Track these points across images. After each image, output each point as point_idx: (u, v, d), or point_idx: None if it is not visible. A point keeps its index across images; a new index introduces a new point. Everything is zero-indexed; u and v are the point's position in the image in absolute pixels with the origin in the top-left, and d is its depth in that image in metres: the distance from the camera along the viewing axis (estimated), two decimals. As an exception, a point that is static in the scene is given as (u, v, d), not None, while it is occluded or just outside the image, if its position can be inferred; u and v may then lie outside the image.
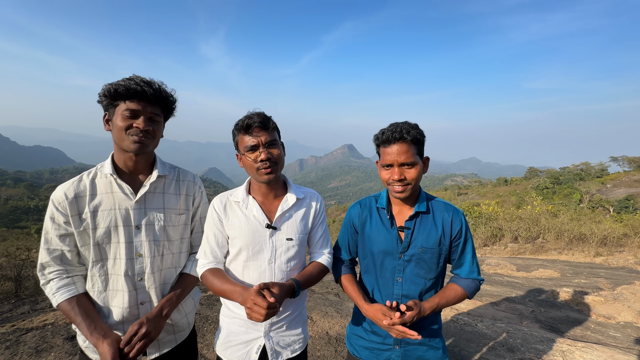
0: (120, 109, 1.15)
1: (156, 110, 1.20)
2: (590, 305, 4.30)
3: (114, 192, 1.21)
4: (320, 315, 3.57)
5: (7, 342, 2.75)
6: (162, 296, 1.30)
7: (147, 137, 1.18)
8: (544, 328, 3.56)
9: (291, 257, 1.30)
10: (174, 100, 1.27)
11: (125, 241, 1.21)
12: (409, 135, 1.19)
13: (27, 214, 63.54)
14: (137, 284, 1.24)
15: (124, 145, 1.17)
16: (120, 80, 1.14)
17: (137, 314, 1.25)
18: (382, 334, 1.35)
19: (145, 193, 1.25)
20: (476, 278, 1.32)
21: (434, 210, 1.33)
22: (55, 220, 1.16)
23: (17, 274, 4.70)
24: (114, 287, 1.23)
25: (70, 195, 1.17)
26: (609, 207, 26.37)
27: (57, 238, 1.17)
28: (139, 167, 1.26)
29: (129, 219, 1.22)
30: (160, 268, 1.28)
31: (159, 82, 1.21)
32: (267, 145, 1.22)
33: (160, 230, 1.27)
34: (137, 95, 1.14)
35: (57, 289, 1.16)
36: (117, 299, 1.23)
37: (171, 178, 1.35)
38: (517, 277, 6.11)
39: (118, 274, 1.22)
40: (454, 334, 3.24)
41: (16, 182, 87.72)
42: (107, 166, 1.22)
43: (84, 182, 1.21)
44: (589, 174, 45.33)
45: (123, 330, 1.24)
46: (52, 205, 1.17)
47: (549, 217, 10.47)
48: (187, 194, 1.37)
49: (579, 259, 7.72)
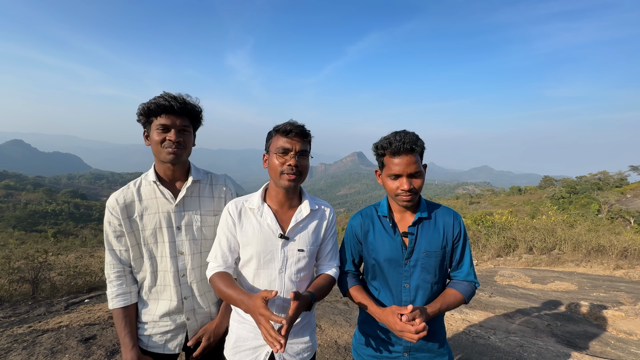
0: (154, 125, 1.30)
1: (185, 122, 1.33)
2: (610, 320, 4.12)
3: (157, 197, 1.37)
4: (329, 324, 3.54)
5: (24, 342, 2.83)
6: (204, 291, 1.44)
7: (179, 147, 1.32)
8: (561, 342, 3.44)
9: (301, 268, 1.31)
10: (199, 110, 1.39)
11: (169, 241, 1.37)
12: (417, 147, 1.24)
13: (45, 217, 65.50)
14: (181, 279, 1.39)
15: (161, 157, 1.33)
16: (152, 99, 1.30)
17: (181, 307, 1.40)
18: (390, 342, 1.34)
19: (183, 197, 1.39)
20: (472, 281, 1.34)
21: (435, 215, 1.35)
22: (111, 223, 1.34)
23: (34, 276, 4.84)
24: (162, 282, 1.39)
25: (121, 201, 1.33)
26: (630, 218, 25.36)
27: (114, 239, 1.35)
28: (176, 175, 1.41)
29: (170, 220, 1.37)
30: (199, 264, 1.43)
31: (184, 96, 1.32)
32: (299, 153, 1.26)
33: (198, 230, 1.42)
34: (166, 110, 1.28)
35: (116, 295, 1.34)
36: (166, 293, 1.39)
37: (205, 182, 1.48)
38: (532, 289, 5.92)
39: (165, 270, 1.38)
40: (466, 346, 3.16)
41: (35, 187, 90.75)
42: (151, 175, 1.38)
43: (131, 189, 1.37)
44: (607, 184, 43.88)
45: (169, 319, 1.39)
46: (108, 211, 1.34)
47: (566, 228, 10.14)
48: (219, 196, 1.50)
49: (597, 272, 7.43)
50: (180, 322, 1.41)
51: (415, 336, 1.09)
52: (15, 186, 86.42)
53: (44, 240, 9.66)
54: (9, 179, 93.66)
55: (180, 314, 1.41)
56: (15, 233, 32.68)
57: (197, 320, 1.45)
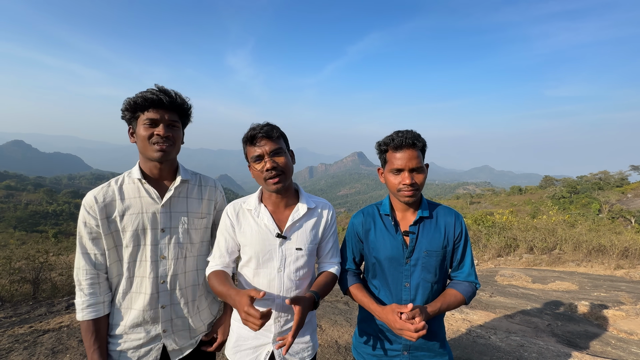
0: (141, 120, 1.21)
1: (174, 117, 1.26)
2: (611, 320, 4.12)
3: (141, 196, 1.27)
4: (329, 324, 3.54)
5: (25, 342, 2.83)
6: (190, 299, 1.35)
7: (168, 143, 1.23)
8: (561, 342, 3.43)
9: (300, 267, 1.31)
10: (189, 106, 1.32)
11: (151, 244, 1.26)
12: (419, 142, 1.26)
13: (46, 218, 65.62)
14: (160, 286, 1.28)
15: (148, 154, 1.24)
16: (138, 93, 1.20)
17: (157, 317, 1.28)
18: (390, 340, 1.35)
19: (170, 197, 1.30)
20: (473, 281, 1.34)
21: (437, 214, 1.36)
22: (87, 224, 1.22)
23: (35, 276, 4.84)
24: (137, 289, 1.27)
25: (100, 199, 1.22)
26: (631, 218, 25.33)
27: (89, 241, 1.22)
28: (163, 174, 1.32)
29: (155, 222, 1.27)
30: (183, 270, 1.33)
31: (173, 90, 1.26)
32: (271, 154, 1.23)
33: (184, 233, 1.32)
34: (155, 104, 1.20)
35: (87, 305, 1.20)
36: (139, 301, 1.26)
37: (193, 183, 1.40)
38: (533, 289, 5.92)
39: (142, 276, 1.26)
40: (466, 346, 3.16)
41: (36, 187, 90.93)
42: (135, 172, 1.28)
43: (113, 187, 1.26)
44: (608, 183, 43.82)
45: (143, 330, 1.27)
46: (84, 210, 1.22)
47: (566, 228, 10.13)
48: (209, 198, 1.43)
49: (598, 272, 7.42)
50: (155, 334, 1.28)
51: (415, 335, 1.10)
52: (16, 187, 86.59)
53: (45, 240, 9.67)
54: (10, 180, 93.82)
55: (155, 324, 1.28)
56: (16, 233, 32.71)
57: (175, 333, 1.32)
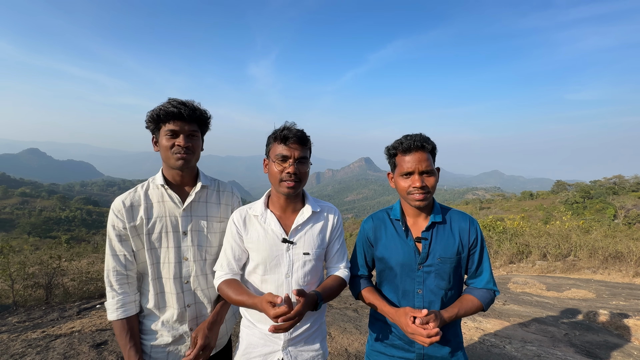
0: (163, 131, 1.30)
1: (194, 127, 1.33)
2: (632, 330, 3.96)
3: (164, 201, 1.35)
4: (339, 331, 3.49)
5: (38, 347, 2.86)
6: (211, 299, 1.41)
7: (188, 153, 1.31)
8: (580, 353, 3.31)
9: (308, 272, 1.30)
10: (208, 116, 1.39)
11: (174, 246, 1.34)
12: (429, 145, 1.24)
13: (59, 224, 66.99)
14: (184, 286, 1.36)
15: (170, 163, 1.32)
16: (160, 105, 1.29)
17: (184, 315, 1.36)
18: (403, 347, 1.31)
19: (191, 202, 1.37)
20: (492, 288, 1.30)
21: (450, 219, 1.32)
22: (115, 227, 1.30)
23: (48, 281, 4.92)
24: (165, 289, 1.35)
25: (127, 204, 1.31)
26: (648, 224, 24.53)
27: (118, 243, 1.30)
28: (185, 180, 1.40)
29: (177, 225, 1.35)
30: (204, 272, 1.40)
31: (192, 102, 1.32)
32: (298, 160, 1.25)
33: (204, 237, 1.39)
34: (175, 117, 1.27)
35: (120, 305, 1.28)
36: (169, 300, 1.35)
37: (212, 189, 1.47)
38: (548, 297, 5.75)
39: (168, 277, 1.34)
40: (480, 355, 3.07)
41: (50, 194, 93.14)
42: (159, 178, 1.37)
43: (139, 192, 1.35)
44: (623, 188, 42.61)
45: (171, 328, 1.35)
46: (112, 214, 1.30)
47: (581, 234, 9.85)
48: (226, 203, 1.48)
49: (616, 279, 7.17)
50: (183, 331, 1.36)
51: (427, 340, 1.07)
52: (30, 193, 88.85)
53: (58, 246, 9.86)
54: (25, 187, 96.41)
55: (183, 322, 1.36)
56: (30, 239, 33.47)
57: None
